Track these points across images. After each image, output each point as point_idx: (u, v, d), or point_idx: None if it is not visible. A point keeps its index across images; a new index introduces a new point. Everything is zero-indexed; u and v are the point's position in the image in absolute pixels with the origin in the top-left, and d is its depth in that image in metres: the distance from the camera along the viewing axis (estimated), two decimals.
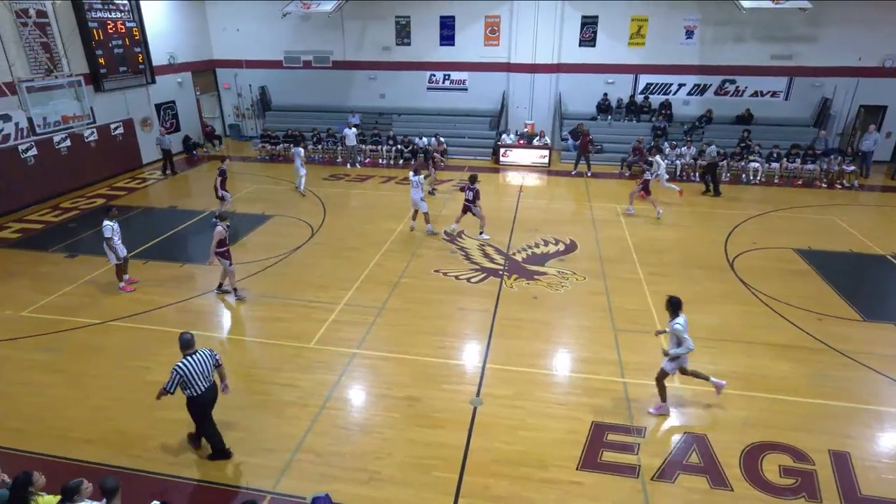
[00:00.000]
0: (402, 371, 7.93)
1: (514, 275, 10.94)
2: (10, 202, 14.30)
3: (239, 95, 23.03)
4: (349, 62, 21.65)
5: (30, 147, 14.77)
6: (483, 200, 15.58)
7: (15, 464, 6.04)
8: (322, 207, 14.78)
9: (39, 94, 14.22)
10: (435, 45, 20.75)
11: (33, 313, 9.52)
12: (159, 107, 19.72)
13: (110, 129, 17.41)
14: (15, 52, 13.96)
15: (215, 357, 6.17)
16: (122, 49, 17.54)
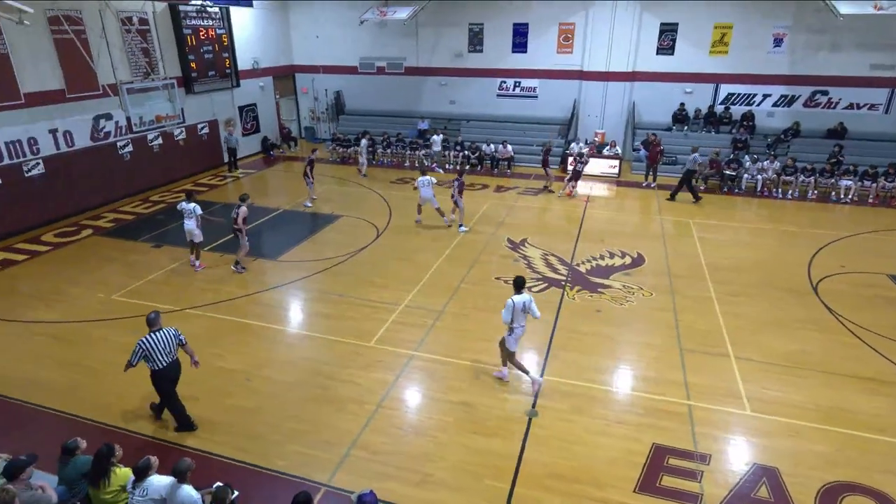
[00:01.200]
0: (458, 376, 7.95)
1: (576, 286, 10.73)
2: (108, 194, 15.55)
3: (315, 99, 23.98)
4: (421, 68, 22.04)
5: (126, 144, 16.03)
6: (548, 208, 15.48)
7: (97, 435, 6.56)
8: (388, 209, 15.11)
9: (137, 96, 15.45)
10: (507, 52, 20.75)
11: (122, 297, 10.31)
12: (242, 109, 20.88)
13: (197, 129, 18.59)
14: (118, 57, 15.22)
15: (179, 337, 6.64)
16: (212, 54, 18.72)
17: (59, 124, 14.12)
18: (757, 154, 17.39)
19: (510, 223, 14.19)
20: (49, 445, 5.79)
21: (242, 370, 8.11)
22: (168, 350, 6.53)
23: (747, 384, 7.77)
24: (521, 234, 13.34)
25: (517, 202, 15.97)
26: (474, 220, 14.32)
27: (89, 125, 14.91)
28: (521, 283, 7.39)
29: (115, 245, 12.83)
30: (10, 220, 13.08)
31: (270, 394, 7.60)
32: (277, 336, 9.11)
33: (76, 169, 14.56)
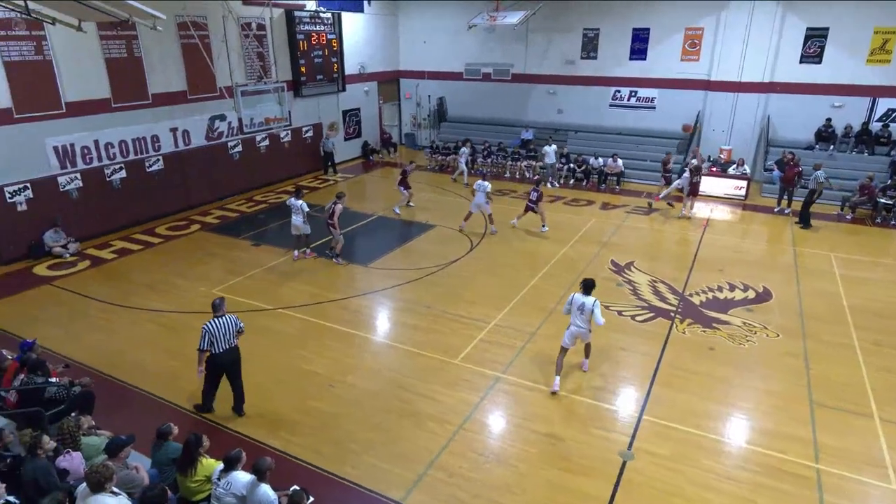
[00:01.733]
0: (547, 405, 7.78)
1: (687, 319, 10.14)
2: (216, 191, 17.05)
3: (418, 105, 24.80)
4: (529, 75, 22.08)
5: (237, 144, 17.52)
6: (661, 230, 14.80)
7: (189, 423, 7.15)
8: (484, 222, 15.20)
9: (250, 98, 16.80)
10: (623, 60, 20.25)
11: (222, 291, 11.18)
12: (345, 113, 22.08)
13: (301, 132, 19.90)
14: (236, 61, 16.71)
15: (239, 324, 7.21)
16: (321, 59, 20.01)
17: (179, 123, 15.77)
18: None
19: (616, 244, 13.74)
20: (146, 428, 6.40)
21: (327, 374, 8.49)
22: (228, 336, 7.11)
23: (895, 452, 6.89)
24: (627, 257, 12.87)
25: (625, 221, 15.44)
26: (576, 237, 14.03)
27: (205, 125, 16.51)
28: (589, 285, 7.96)
29: (220, 241, 14.00)
30: (131, 211, 14.72)
31: (352, 401, 7.88)
32: (363, 343, 9.45)
33: (190, 166, 16.13)
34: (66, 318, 10.21)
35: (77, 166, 13.54)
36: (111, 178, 14.21)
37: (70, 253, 12.89)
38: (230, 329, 7.15)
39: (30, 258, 12.63)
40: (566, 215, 16.01)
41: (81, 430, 5.88)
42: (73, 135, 13.37)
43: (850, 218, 15.62)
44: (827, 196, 16.74)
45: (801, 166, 16.09)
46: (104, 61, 13.70)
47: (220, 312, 7.14)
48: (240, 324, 7.28)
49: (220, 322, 7.08)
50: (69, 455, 5.50)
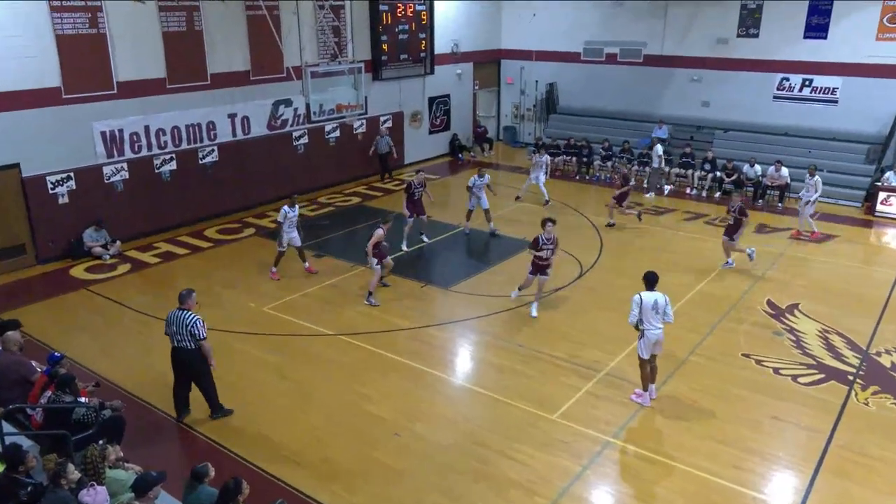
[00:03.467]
0: (671, 484, 7.45)
1: (873, 386, 9.41)
2: (276, 190, 17.90)
3: (522, 93, 24.94)
4: (666, 57, 21.61)
5: (303, 135, 18.41)
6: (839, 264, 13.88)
7: (226, 464, 7.47)
8: (599, 241, 14.93)
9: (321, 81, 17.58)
10: (796, 38, 19.35)
11: (273, 310, 11.71)
12: (432, 101, 22.62)
13: (379, 122, 20.57)
14: (308, 36, 17.62)
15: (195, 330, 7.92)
16: (407, 35, 20.67)
17: (240, 109, 16.83)
18: None
19: (775, 279, 13.06)
20: (179, 465, 6.74)
21: (392, 419, 8.61)
22: (179, 333, 7.97)
23: None
24: (790, 297, 12.18)
25: (788, 250, 14.64)
26: (719, 268, 13.43)
27: (268, 111, 17.51)
28: (653, 279, 8.65)
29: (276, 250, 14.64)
30: (179, 209, 15.84)
31: (420, 455, 7.93)
32: (437, 384, 9.51)
33: (249, 159, 17.15)
34: (101, 329, 11.07)
35: (124, 155, 14.78)
36: (160, 170, 15.38)
37: (110, 254, 14.02)
38: (182, 327, 7.90)
39: (68, 258, 13.87)
40: (708, 238, 15.37)
41: (107, 460, 6.29)
42: (123, 119, 14.64)
43: None
44: None
45: None
46: (161, 35, 14.91)
47: (182, 304, 8.10)
48: (197, 330, 7.91)
49: (175, 315, 8.05)
50: (93, 489, 5.88)
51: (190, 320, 8.01)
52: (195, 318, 8.05)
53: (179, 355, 8.17)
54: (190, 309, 8.13)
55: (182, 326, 8.00)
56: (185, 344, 8.06)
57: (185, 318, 8.02)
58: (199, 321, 8.07)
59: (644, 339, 8.54)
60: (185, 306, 8.13)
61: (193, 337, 8.03)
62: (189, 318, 8.03)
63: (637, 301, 8.46)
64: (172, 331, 8.06)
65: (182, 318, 8.03)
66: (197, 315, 8.13)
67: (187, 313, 8.06)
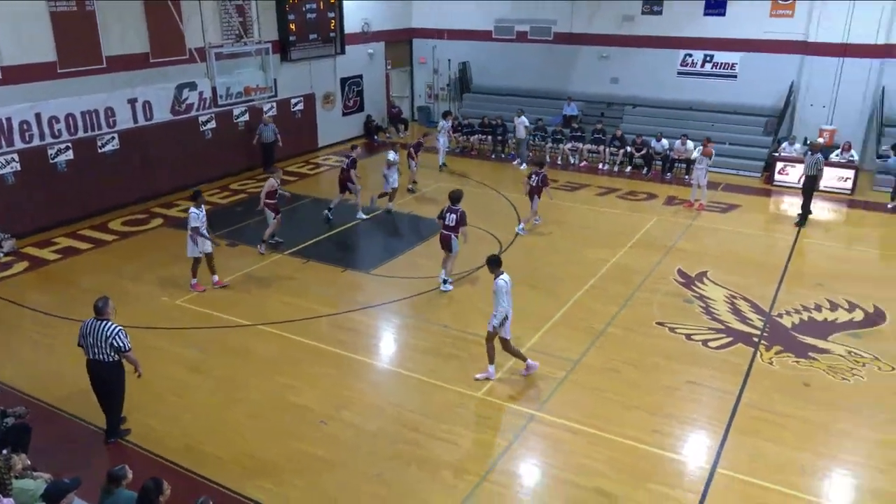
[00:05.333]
0: (595, 453, 7.72)
1: (776, 346, 10.02)
2: (184, 177, 17.20)
3: (435, 72, 24.90)
4: (575, 35, 22.04)
5: (210, 119, 17.76)
6: (742, 232, 14.65)
7: (141, 464, 7.18)
8: (517, 218, 15.16)
9: (226, 62, 17.04)
10: (696, 15, 20.13)
11: (188, 303, 11.33)
12: (345, 81, 22.26)
13: (290, 105, 20.09)
14: (210, 16, 16.94)
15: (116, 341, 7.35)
16: (315, 14, 20.20)
17: (140, 93, 16.01)
18: None
19: (684, 249, 13.64)
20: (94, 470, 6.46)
21: (318, 409, 8.52)
22: (96, 345, 7.40)
23: None
24: (698, 266, 12.76)
25: (695, 220, 15.32)
26: (633, 240, 13.93)
27: (171, 95, 16.75)
28: (498, 260, 8.76)
29: None
30: (78, 202, 14.99)
31: (349, 444, 7.90)
32: (362, 370, 9.47)
33: (152, 146, 16.40)
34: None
35: (14, 145, 13.83)
36: (56, 160, 14.50)
37: (4, 252, 13.15)
38: (99, 339, 7.39)
39: None
40: (621, 212, 15.93)
41: (13, 471, 5.96)
42: (10, 107, 13.66)
43: None
44: None
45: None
46: (49, 16, 13.96)
47: (100, 315, 7.48)
48: (119, 341, 7.40)
49: (93, 326, 7.45)
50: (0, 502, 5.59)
51: (111, 332, 7.43)
52: (116, 329, 7.47)
53: (95, 368, 7.56)
54: (109, 319, 7.54)
55: (101, 339, 7.38)
56: (101, 356, 7.49)
57: (105, 329, 7.37)
58: (121, 332, 7.51)
59: (509, 322, 8.67)
60: (103, 316, 7.49)
61: (115, 349, 7.50)
62: (110, 329, 7.43)
63: (503, 287, 8.49)
64: (89, 342, 7.44)
65: (101, 329, 7.37)
66: (118, 325, 7.56)
67: (107, 324, 7.45)
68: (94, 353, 7.49)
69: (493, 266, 8.71)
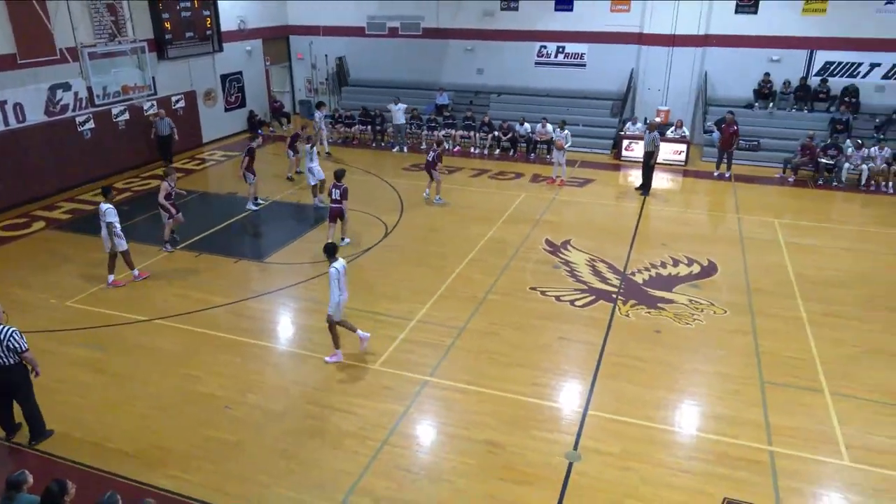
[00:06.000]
0: (482, 409, 7.95)
1: (631, 300, 10.66)
2: (64, 179, 15.92)
3: (313, 67, 24.24)
4: (442, 30, 22.13)
5: (87, 119, 16.40)
6: (597, 203, 15.41)
7: (45, 469, 6.69)
8: (399, 202, 15.18)
9: (101, 62, 15.78)
10: (548, 10, 20.73)
11: (79, 303, 10.53)
12: (225, 78, 21.22)
13: (171, 102, 18.93)
14: (80, 15, 15.58)
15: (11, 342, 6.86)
16: (190, 12, 19.06)
17: (9, 95, 14.51)
18: (862, 138, 17.05)
19: (550, 221, 14.17)
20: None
21: (223, 395, 8.22)
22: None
23: (846, 427, 7.62)
24: (562, 235, 13.31)
25: (558, 195, 15.94)
26: (505, 215, 14.32)
27: (44, 96, 15.29)
28: (333, 248, 8.58)
29: (73, 241, 13.12)
30: None
31: (255, 424, 7.69)
32: (264, 354, 9.21)
33: (28, 149, 14.96)
34: None
35: None
36: None
37: None
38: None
39: None
40: (492, 191, 16.32)
41: None
42: None
43: (793, 181, 16.93)
44: (768, 158, 18.10)
45: (737, 125, 17.17)
46: None
47: None
48: (14, 342, 6.92)
49: None
50: None
51: (5, 335, 6.88)
52: (10, 331, 6.92)
53: None
54: (1, 322, 6.98)
55: None
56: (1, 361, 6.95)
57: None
58: (16, 332, 6.96)
59: (339, 305, 8.54)
60: None
61: (11, 350, 6.94)
62: (3, 332, 6.89)
63: (335, 274, 8.36)
64: None
65: None
66: (11, 327, 6.99)
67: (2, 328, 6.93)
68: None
69: (327, 254, 8.52)
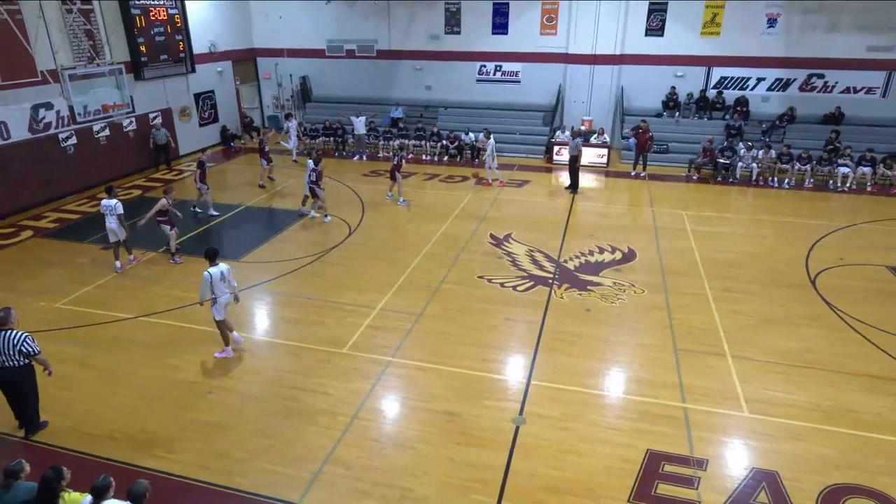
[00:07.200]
0: (440, 383, 7.93)
1: (564, 284, 10.80)
2: (50, 191, 15.13)
3: (279, 85, 23.67)
4: (395, 51, 21.93)
5: (70, 136, 15.61)
6: (533, 201, 15.55)
7: (41, 457, 6.38)
8: (360, 205, 14.99)
9: (81, 83, 15.00)
10: (487, 34, 20.77)
11: (68, 305, 10.04)
12: (198, 96, 20.52)
13: (149, 119, 18.20)
14: (59, 40, 14.79)
15: (24, 346, 6.60)
16: (164, 37, 18.34)
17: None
18: (752, 141, 17.70)
19: (493, 217, 14.23)
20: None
21: (203, 382, 7.98)
22: (3, 353, 6.59)
23: (745, 385, 7.91)
24: (505, 229, 13.38)
25: (500, 195, 16.02)
26: (454, 213, 14.32)
27: (27, 115, 14.48)
28: (213, 253, 8.33)
29: (60, 247, 12.50)
30: None
31: (234, 407, 7.49)
32: (242, 344, 8.97)
33: (14, 164, 14.15)
34: None
35: None
36: None
37: None
38: (6, 347, 6.56)
39: None
40: (443, 192, 16.29)
41: None
42: None
43: (697, 178, 17.45)
44: (675, 159, 18.61)
45: (651, 132, 17.66)
46: None
47: (2, 326, 6.62)
48: (27, 347, 6.62)
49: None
50: None
51: (18, 339, 6.55)
52: (24, 336, 6.59)
53: (5, 376, 6.66)
54: (13, 328, 6.59)
55: (8, 347, 6.53)
56: (9, 363, 6.56)
57: (11, 338, 6.56)
58: (28, 337, 6.63)
59: (217, 305, 8.25)
60: (6, 327, 6.56)
61: (25, 355, 6.61)
62: (16, 337, 6.55)
63: (207, 278, 8.09)
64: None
65: (7, 338, 6.55)
66: (23, 332, 6.64)
67: (12, 333, 6.55)
68: (1, 362, 6.55)
69: (206, 257, 8.30)
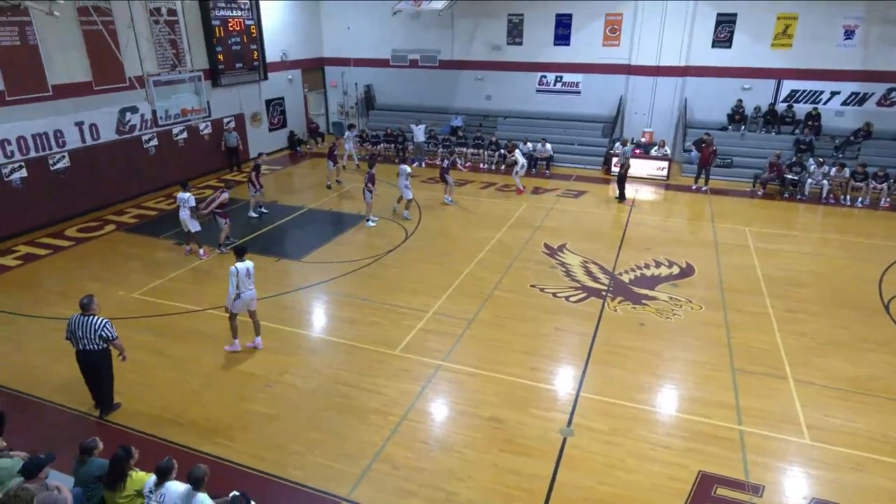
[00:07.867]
0: (488, 389, 7.91)
1: (618, 297, 10.57)
2: (132, 189, 16.09)
3: (345, 93, 24.32)
4: (456, 62, 22.12)
5: (152, 138, 16.57)
6: (590, 212, 15.31)
7: (113, 437, 6.77)
8: (418, 210, 15.17)
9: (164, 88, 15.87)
10: (548, 45, 20.66)
11: (143, 296, 10.63)
12: (269, 102, 21.33)
13: (223, 123, 19.07)
14: (146, 49, 15.71)
15: (102, 332, 6.94)
16: (240, 46, 19.20)
17: (86, 117, 14.70)
18: (823, 157, 16.80)
19: (548, 227, 14.09)
20: (63, 444, 6.00)
21: (263, 375, 8.26)
22: (83, 337, 6.94)
23: (807, 410, 7.50)
24: (559, 240, 13.23)
25: (556, 204, 15.85)
26: (509, 222, 14.27)
27: (115, 118, 15.49)
28: (241, 250, 8.58)
29: (138, 241, 13.25)
30: (34, 213, 13.65)
31: (291, 401, 7.71)
32: (299, 341, 9.24)
33: (101, 163, 15.13)
34: None
35: None
36: (10, 178, 13.10)
37: None
38: (88, 331, 6.94)
39: None
40: (498, 201, 16.26)
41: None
42: None
43: (762, 194, 16.71)
44: (740, 174, 17.90)
45: (715, 146, 17.06)
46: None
47: (87, 311, 7.00)
48: (107, 332, 6.98)
49: (81, 321, 6.97)
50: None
51: (99, 325, 6.96)
52: (104, 322, 7.01)
53: (86, 358, 7.07)
54: (95, 314, 7.03)
55: (90, 331, 6.92)
56: (91, 346, 6.98)
57: (93, 323, 6.94)
58: (108, 323, 7.04)
59: (240, 300, 8.44)
60: (89, 312, 6.98)
61: (104, 339, 7.02)
62: (97, 322, 6.96)
63: (234, 272, 8.25)
64: (77, 336, 6.96)
65: (89, 323, 6.93)
66: (104, 318, 7.08)
67: (94, 318, 6.96)
68: (83, 345, 6.98)
69: (235, 254, 8.54)
